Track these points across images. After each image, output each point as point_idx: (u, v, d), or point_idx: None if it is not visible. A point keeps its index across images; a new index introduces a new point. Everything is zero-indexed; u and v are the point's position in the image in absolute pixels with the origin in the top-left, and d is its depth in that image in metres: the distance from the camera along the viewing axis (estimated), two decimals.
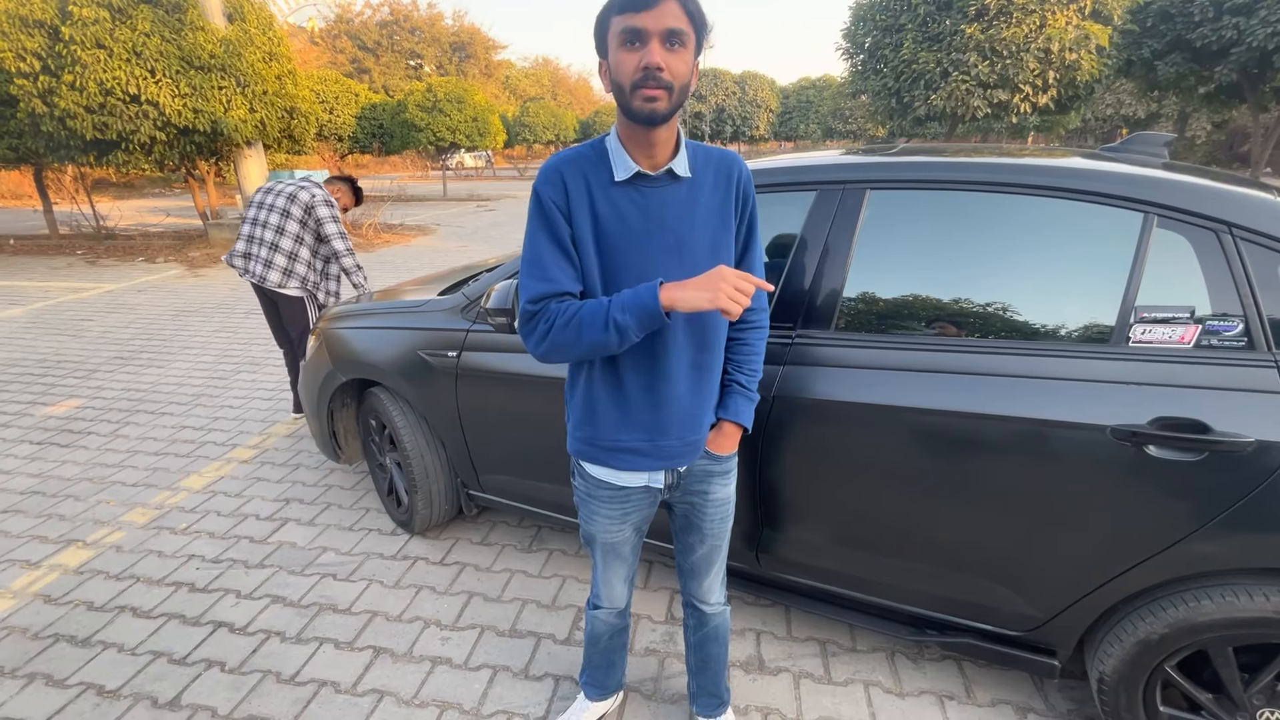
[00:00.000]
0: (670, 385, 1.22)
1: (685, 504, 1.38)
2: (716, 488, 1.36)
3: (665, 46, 1.02)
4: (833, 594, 1.81)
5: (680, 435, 1.26)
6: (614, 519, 1.37)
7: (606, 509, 1.36)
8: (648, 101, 1.03)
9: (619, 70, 1.05)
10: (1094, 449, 1.34)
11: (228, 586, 2.32)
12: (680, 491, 1.36)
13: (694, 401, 1.25)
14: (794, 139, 33.07)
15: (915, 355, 1.54)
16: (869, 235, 1.61)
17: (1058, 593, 1.49)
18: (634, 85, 1.03)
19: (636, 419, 1.24)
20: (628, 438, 1.26)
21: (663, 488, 1.34)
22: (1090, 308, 1.41)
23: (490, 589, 2.29)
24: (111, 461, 3.30)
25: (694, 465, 1.33)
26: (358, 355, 2.46)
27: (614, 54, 1.05)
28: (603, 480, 1.33)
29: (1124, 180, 1.41)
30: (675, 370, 1.21)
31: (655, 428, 1.24)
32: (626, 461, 1.28)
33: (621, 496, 1.34)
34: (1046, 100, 12.04)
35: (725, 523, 1.41)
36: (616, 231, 1.15)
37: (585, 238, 1.16)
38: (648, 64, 1.01)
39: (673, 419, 1.24)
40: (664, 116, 1.05)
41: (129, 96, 8.25)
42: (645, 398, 1.22)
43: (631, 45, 1.02)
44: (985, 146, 1.98)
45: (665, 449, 1.26)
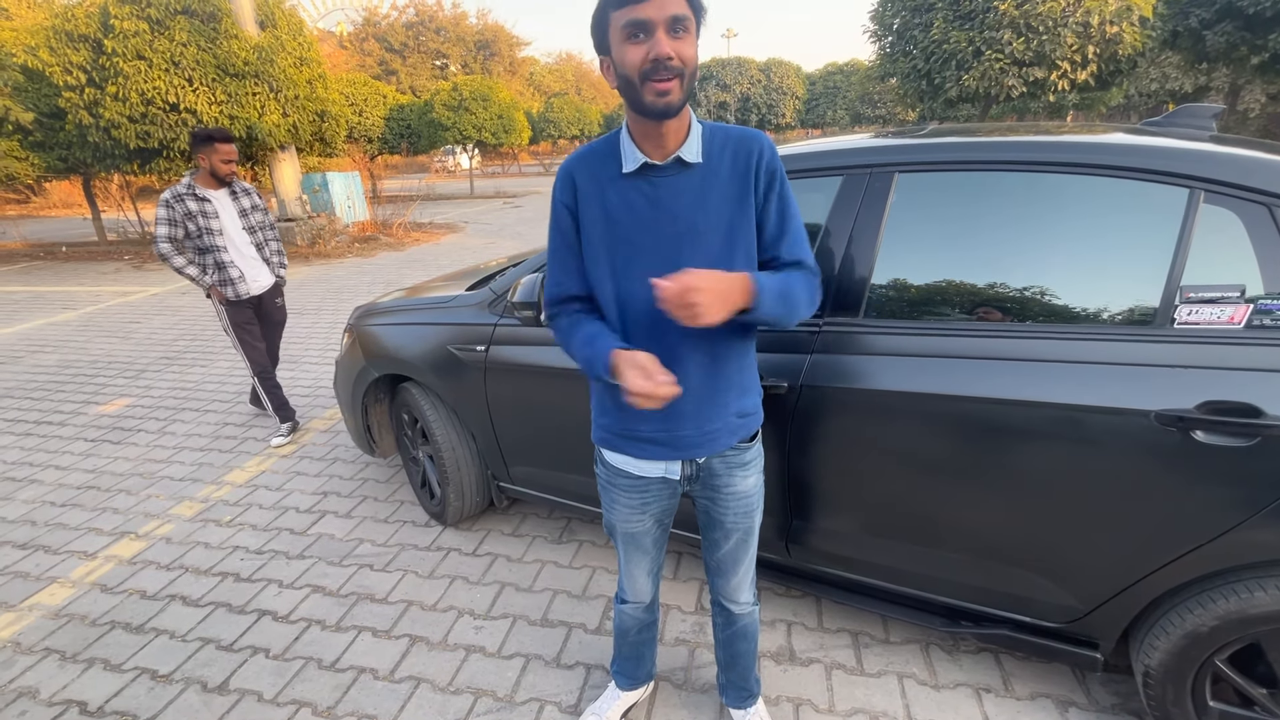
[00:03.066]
0: (682, 373, 1.18)
1: (706, 498, 1.37)
2: (738, 479, 1.33)
3: (670, 34, 1.00)
4: (865, 585, 1.79)
5: (697, 425, 1.24)
6: (633, 509, 1.37)
7: (626, 498, 1.36)
8: (660, 95, 1.02)
9: (626, 65, 1.03)
10: (1138, 435, 1.29)
11: (270, 576, 2.40)
12: (700, 484, 1.34)
13: (709, 389, 1.23)
14: (821, 126, 32.49)
15: (947, 341, 1.50)
16: (897, 220, 1.58)
17: (1100, 583, 1.44)
18: (644, 77, 1.02)
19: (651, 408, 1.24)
20: (644, 427, 1.26)
21: (679, 479, 1.32)
22: (1132, 289, 1.36)
23: (522, 579, 2.32)
24: (160, 457, 3.44)
25: (714, 457, 1.31)
26: (389, 351, 2.51)
27: (618, 49, 1.04)
28: (622, 469, 1.34)
29: (1167, 154, 1.34)
30: (685, 357, 1.19)
31: (670, 417, 1.23)
32: (644, 450, 1.28)
33: (640, 486, 1.34)
34: (1086, 76, 11.55)
35: (750, 517, 1.38)
36: (627, 223, 1.15)
37: (596, 232, 1.18)
38: (657, 55, 0.99)
39: (687, 408, 1.22)
40: (678, 107, 1.04)
41: (168, 105, 8.54)
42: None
43: (636, 38, 1.01)
44: (1019, 125, 1.91)
45: (682, 439, 1.25)
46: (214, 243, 3.28)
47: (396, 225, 12.19)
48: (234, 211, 3.37)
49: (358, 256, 10.18)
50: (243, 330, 3.46)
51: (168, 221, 3.19)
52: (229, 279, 3.35)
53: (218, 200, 3.29)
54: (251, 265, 3.43)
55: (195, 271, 3.30)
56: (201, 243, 3.27)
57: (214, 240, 3.28)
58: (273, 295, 3.59)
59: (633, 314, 1.20)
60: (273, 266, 3.55)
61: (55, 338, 6.09)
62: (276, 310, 3.67)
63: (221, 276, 3.34)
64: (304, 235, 10.58)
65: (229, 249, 3.34)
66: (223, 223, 3.31)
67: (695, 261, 1.14)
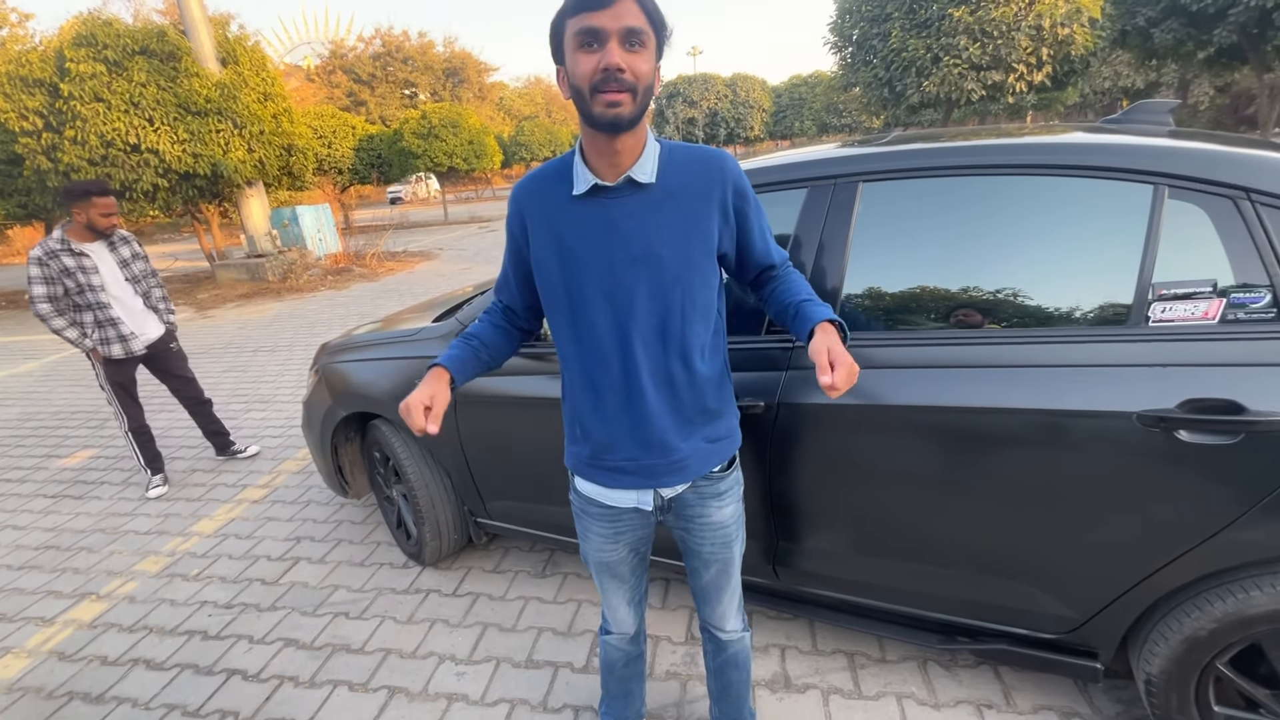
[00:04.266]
0: (642, 400, 1.15)
1: (681, 528, 1.32)
2: (712, 510, 1.27)
3: (625, 47, 0.96)
4: (857, 605, 1.73)
5: (664, 453, 1.19)
6: (606, 538, 1.31)
7: (598, 526, 1.31)
8: (610, 107, 0.97)
9: (577, 74, 0.99)
10: (1121, 437, 1.26)
11: (240, 632, 2.28)
12: (673, 515, 1.29)
13: (675, 416, 1.18)
14: (789, 137, 33.02)
15: (922, 351, 1.47)
16: (865, 230, 1.55)
17: (1094, 591, 1.40)
18: (594, 89, 0.97)
19: (616, 435, 1.19)
20: (611, 456, 1.21)
21: (652, 509, 1.27)
22: (1105, 288, 1.34)
23: (505, 619, 2.23)
24: (124, 510, 3.30)
25: (685, 488, 1.25)
26: (356, 388, 2.43)
27: (571, 58, 1.00)
28: (593, 498, 1.29)
29: (1130, 152, 1.33)
30: (646, 385, 1.14)
31: (637, 445, 1.18)
32: (614, 480, 1.23)
33: (612, 515, 1.29)
34: (1042, 78, 11.90)
35: (729, 548, 1.32)
36: (580, 249, 1.11)
37: (548, 258, 1.14)
38: (607, 65, 0.95)
39: (653, 435, 1.17)
40: (628, 122, 1.00)
41: (129, 146, 8.40)
42: (622, 415, 1.17)
43: (589, 47, 0.97)
44: (982, 129, 1.91)
45: (650, 468, 1.20)
46: (96, 299, 3.12)
47: (370, 255, 12.07)
48: (114, 263, 3.20)
49: (331, 289, 10.03)
50: (119, 388, 3.34)
51: (43, 280, 3.01)
52: (114, 337, 3.21)
53: (95, 253, 3.13)
54: (138, 318, 3.29)
55: (75, 334, 3.14)
56: (82, 299, 3.10)
57: (96, 296, 3.11)
58: (164, 344, 3.44)
59: (590, 342, 1.15)
60: (160, 314, 3.40)
61: (17, 389, 5.88)
62: (174, 357, 3.53)
63: (104, 335, 3.20)
64: (275, 271, 10.43)
65: (113, 304, 3.18)
66: (103, 277, 3.14)
67: (651, 285, 1.10)
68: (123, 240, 3.26)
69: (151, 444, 3.49)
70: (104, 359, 3.24)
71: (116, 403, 3.38)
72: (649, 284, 1.10)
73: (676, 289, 1.11)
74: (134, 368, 3.39)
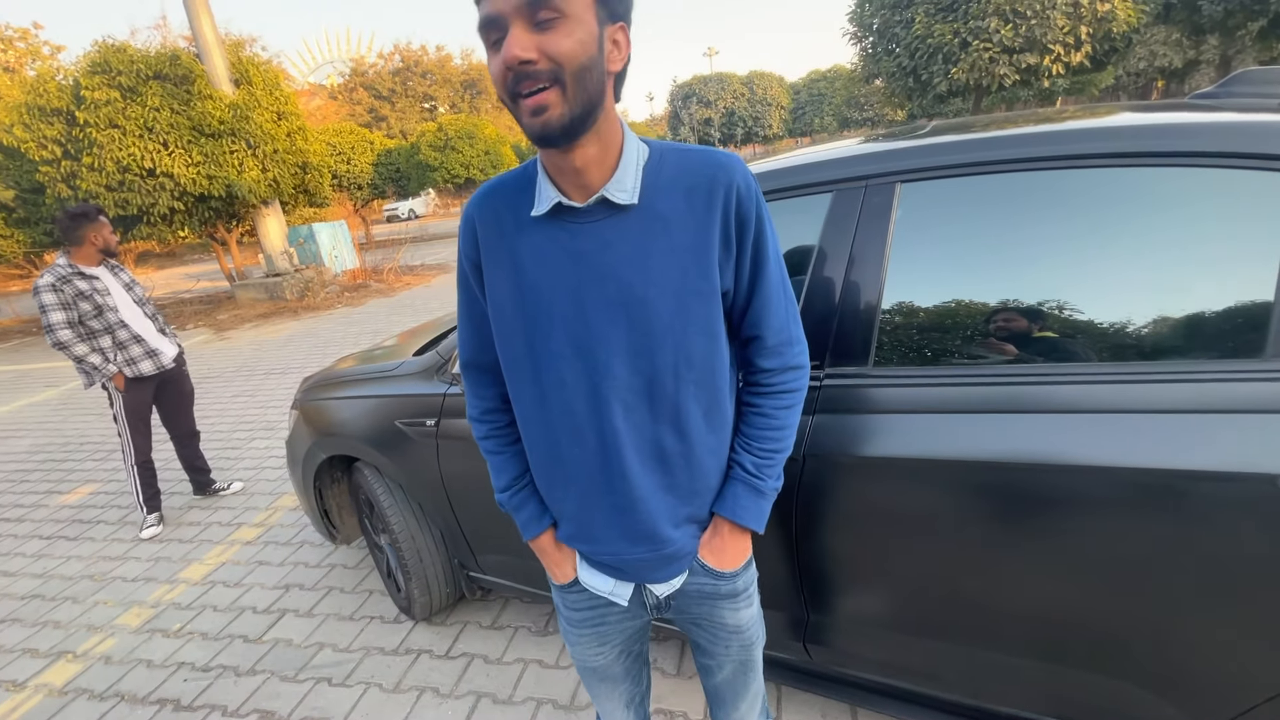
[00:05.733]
0: (624, 482, 0.88)
1: (689, 627, 1.06)
2: (725, 613, 1.00)
3: (532, 28, 0.70)
4: (906, 691, 1.44)
5: (654, 546, 0.92)
6: (589, 642, 1.06)
7: (579, 631, 1.05)
8: (535, 114, 0.72)
9: (493, 80, 0.75)
10: (1255, 506, 0.96)
11: (214, 701, 2.07)
12: (675, 613, 1.02)
13: (666, 499, 0.91)
14: (809, 133, 32.44)
15: (984, 391, 1.17)
16: (905, 241, 1.26)
17: (1216, 696, 1.09)
18: (511, 95, 0.73)
19: (594, 525, 0.94)
20: (587, 548, 0.97)
21: (627, 605, 1.00)
22: (1229, 310, 1.03)
23: (501, 687, 1.98)
24: (115, 554, 3.15)
25: (688, 584, 0.98)
26: (334, 429, 2.21)
27: (488, 62, 0.75)
28: (570, 592, 1.03)
29: (1261, 131, 1.02)
30: (626, 459, 0.87)
31: (619, 537, 0.92)
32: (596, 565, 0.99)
33: (597, 619, 1.03)
34: (1081, 58, 11.27)
35: (749, 650, 1.06)
36: (541, 285, 0.84)
37: (504, 296, 0.87)
38: (506, 60, 0.70)
39: (640, 526, 0.91)
40: (563, 129, 0.73)
41: (145, 171, 8.44)
42: (600, 500, 0.91)
43: (494, 44, 0.73)
44: (1025, 113, 1.59)
45: (636, 564, 0.94)
46: (117, 319, 3.08)
47: (387, 270, 12.03)
48: (119, 286, 3.18)
49: (347, 306, 9.98)
50: (135, 416, 3.26)
51: (60, 306, 2.93)
52: (140, 355, 3.16)
53: (104, 277, 3.11)
54: (155, 338, 3.25)
55: (99, 359, 3.05)
56: (100, 322, 3.04)
57: (117, 316, 3.08)
58: (179, 364, 3.41)
59: (557, 408, 0.88)
60: (169, 336, 3.37)
61: (32, 419, 5.86)
62: (185, 380, 3.48)
63: (129, 355, 3.14)
64: (292, 289, 10.42)
65: (131, 324, 3.14)
66: (115, 299, 3.11)
67: (633, 336, 0.83)
68: (118, 268, 3.24)
69: (154, 481, 3.38)
70: (128, 381, 3.18)
71: (128, 433, 3.27)
72: (630, 335, 0.83)
73: (667, 341, 0.84)
74: (152, 391, 3.33)
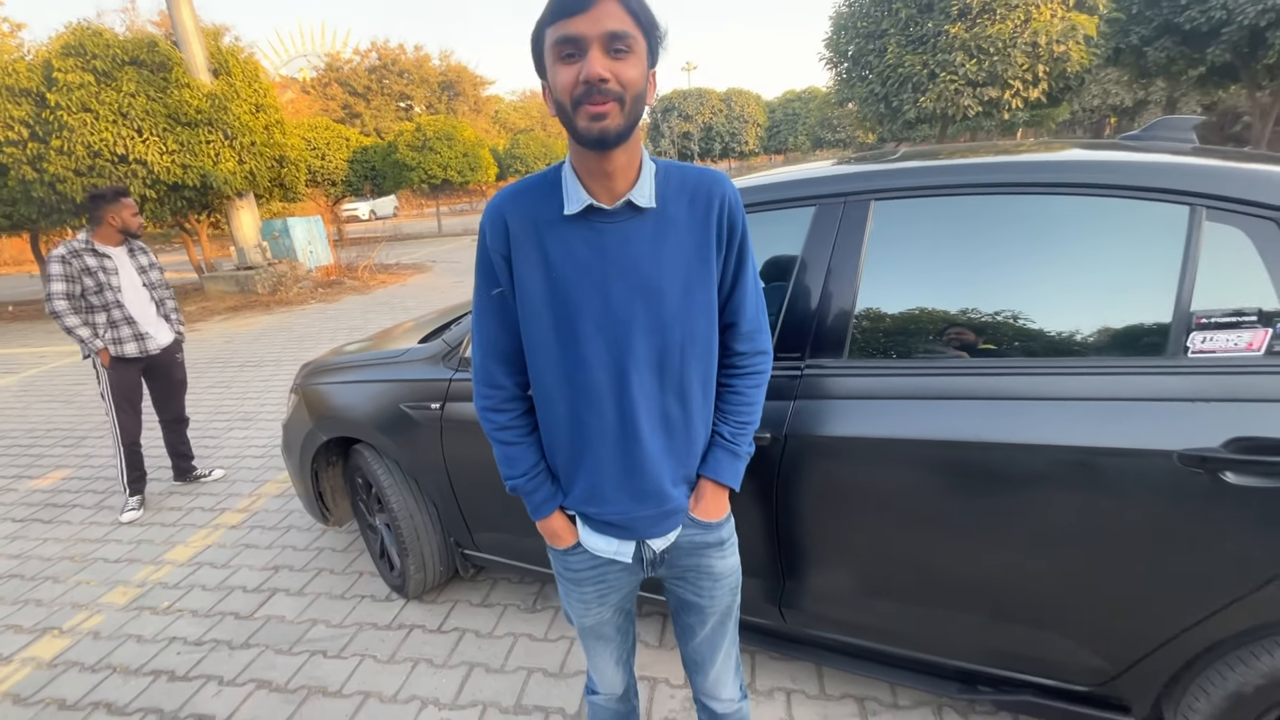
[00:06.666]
0: (638, 445, 1.04)
1: (678, 580, 1.20)
2: (713, 560, 1.16)
3: (608, 54, 0.86)
4: (869, 649, 1.62)
5: (658, 503, 1.08)
6: (589, 601, 1.19)
7: (580, 590, 1.19)
8: (595, 120, 0.87)
9: (558, 88, 0.89)
10: (1160, 478, 1.17)
11: (210, 672, 2.14)
12: (667, 567, 1.17)
13: (669, 461, 1.08)
14: (783, 152, 33.23)
15: (941, 381, 1.37)
16: (878, 251, 1.45)
17: (1129, 642, 1.30)
18: (576, 102, 0.87)
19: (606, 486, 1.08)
20: (597, 509, 1.10)
21: (630, 561, 1.14)
22: (1139, 315, 1.24)
23: (492, 658, 2.10)
24: (95, 536, 3.14)
25: (681, 537, 1.14)
26: (338, 412, 2.31)
27: (552, 70, 0.90)
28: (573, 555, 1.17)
29: (1164, 170, 1.25)
30: (640, 425, 1.03)
31: (628, 496, 1.07)
32: (599, 528, 1.13)
33: (596, 576, 1.17)
34: (1038, 94, 11.96)
35: (732, 595, 1.21)
36: (570, 276, 0.99)
37: (534, 284, 1.01)
38: (588, 76, 0.85)
39: (648, 484, 1.06)
40: (616, 136, 0.89)
41: (117, 157, 8.28)
42: (615, 462, 1.06)
43: (569, 57, 0.87)
44: (999, 145, 1.82)
45: (640, 520, 1.09)
46: (114, 299, 3.16)
47: (361, 268, 11.95)
48: (132, 269, 3.28)
49: (321, 302, 9.89)
50: (122, 396, 3.29)
51: (64, 278, 3.05)
52: (128, 335, 3.22)
53: (117, 257, 3.21)
54: (152, 323, 3.33)
55: (87, 333, 3.12)
56: (99, 299, 3.13)
57: (114, 296, 3.16)
58: (172, 352, 3.46)
59: (580, 383, 1.03)
60: (172, 324, 3.44)
61: None
62: (177, 368, 3.53)
63: (117, 334, 3.20)
64: (264, 283, 10.28)
65: (128, 306, 3.22)
66: (121, 280, 3.20)
67: (649, 318, 0.99)
68: (140, 250, 3.34)
69: (140, 463, 3.40)
70: (113, 360, 3.22)
71: (114, 412, 3.30)
72: (647, 318, 0.99)
73: (676, 324, 1.00)
74: (139, 374, 3.37)
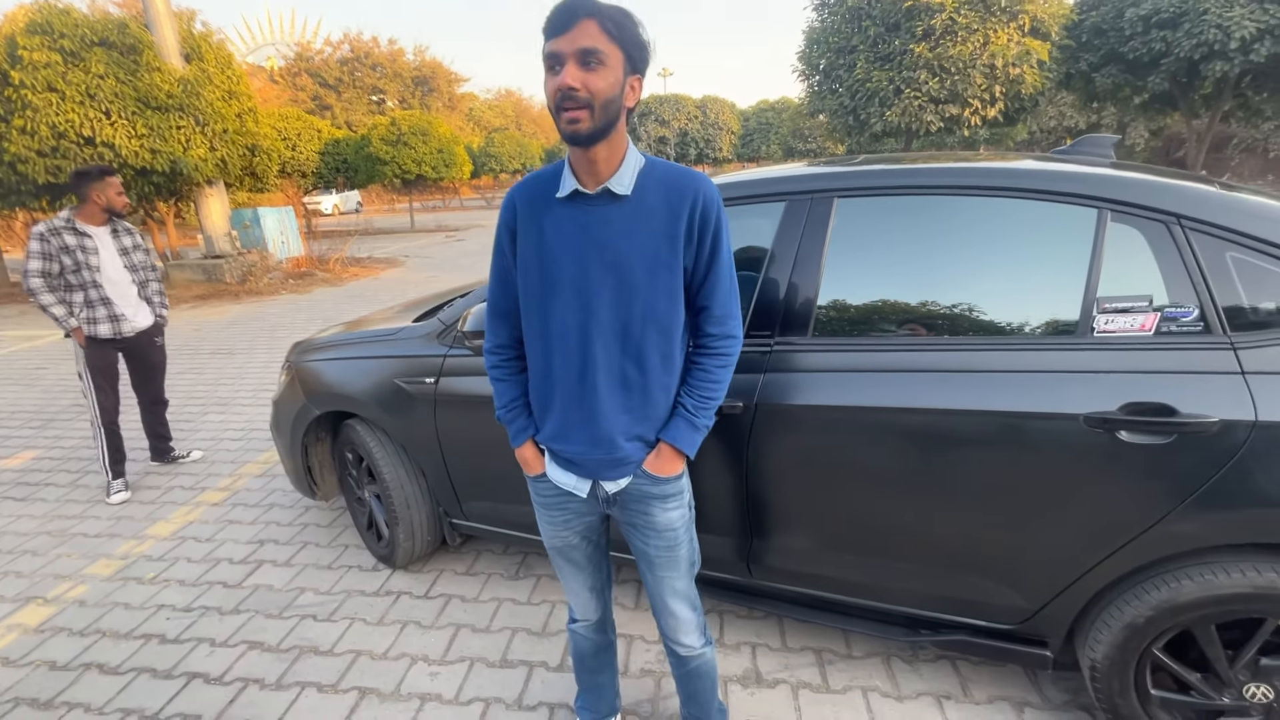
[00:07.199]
0: (595, 396, 1.23)
1: (628, 525, 1.38)
2: (656, 512, 1.32)
3: (582, 67, 1.04)
4: (826, 600, 1.81)
5: (608, 450, 1.26)
6: (556, 524, 1.39)
7: (548, 513, 1.39)
8: (570, 123, 1.06)
9: (547, 94, 1.09)
10: (1070, 437, 1.38)
11: (201, 635, 2.21)
12: (619, 509, 1.35)
13: (624, 417, 1.25)
14: (756, 159, 33.81)
15: (891, 356, 1.57)
16: (839, 242, 1.65)
17: (1044, 582, 1.51)
18: (557, 107, 1.07)
19: (569, 426, 1.27)
20: (561, 446, 1.30)
21: (586, 496, 1.33)
22: (1055, 301, 1.46)
23: (478, 620, 2.23)
24: (71, 513, 3.16)
25: (631, 485, 1.31)
26: (332, 387, 2.41)
27: (544, 79, 1.10)
28: (541, 483, 1.37)
29: (1078, 179, 1.47)
30: (598, 380, 1.22)
31: (585, 439, 1.26)
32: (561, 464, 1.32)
33: (559, 503, 1.37)
34: (995, 113, 12.56)
35: (673, 552, 1.36)
36: (557, 247, 1.19)
37: (530, 252, 1.22)
38: (559, 85, 1.04)
39: (600, 431, 1.25)
40: (587, 136, 1.08)
41: (83, 139, 8.08)
42: (575, 408, 1.25)
43: (553, 70, 1.06)
44: (944, 154, 2.05)
45: (594, 462, 1.28)
46: (91, 278, 3.15)
47: (333, 260, 11.82)
48: (114, 249, 3.25)
49: (292, 293, 9.79)
50: (99, 375, 3.28)
51: (42, 255, 3.04)
52: (103, 316, 3.22)
53: (98, 237, 3.19)
54: (130, 304, 3.32)
55: (62, 311, 3.11)
56: (77, 278, 3.12)
57: (91, 276, 3.15)
58: (151, 335, 3.46)
59: (557, 336, 1.23)
60: (154, 306, 3.44)
61: None
62: (156, 351, 3.55)
63: (92, 315, 3.20)
64: (233, 272, 10.12)
65: (106, 285, 3.21)
66: (101, 259, 3.18)
67: (617, 290, 1.18)
68: (126, 230, 3.32)
69: (120, 444, 3.37)
70: (88, 339, 3.21)
71: (94, 393, 3.28)
72: (614, 290, 1.18)
73: (638, 298, 1.18)
74: (116, 354, 3.35)
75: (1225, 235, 1.34)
